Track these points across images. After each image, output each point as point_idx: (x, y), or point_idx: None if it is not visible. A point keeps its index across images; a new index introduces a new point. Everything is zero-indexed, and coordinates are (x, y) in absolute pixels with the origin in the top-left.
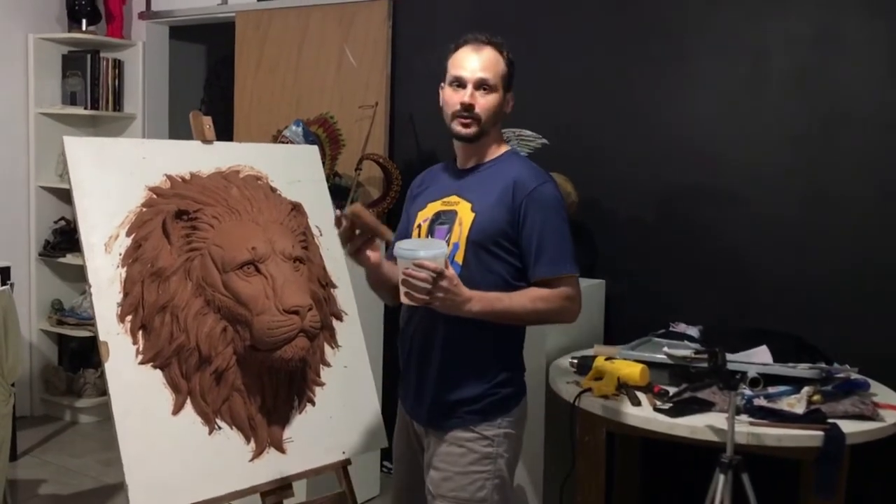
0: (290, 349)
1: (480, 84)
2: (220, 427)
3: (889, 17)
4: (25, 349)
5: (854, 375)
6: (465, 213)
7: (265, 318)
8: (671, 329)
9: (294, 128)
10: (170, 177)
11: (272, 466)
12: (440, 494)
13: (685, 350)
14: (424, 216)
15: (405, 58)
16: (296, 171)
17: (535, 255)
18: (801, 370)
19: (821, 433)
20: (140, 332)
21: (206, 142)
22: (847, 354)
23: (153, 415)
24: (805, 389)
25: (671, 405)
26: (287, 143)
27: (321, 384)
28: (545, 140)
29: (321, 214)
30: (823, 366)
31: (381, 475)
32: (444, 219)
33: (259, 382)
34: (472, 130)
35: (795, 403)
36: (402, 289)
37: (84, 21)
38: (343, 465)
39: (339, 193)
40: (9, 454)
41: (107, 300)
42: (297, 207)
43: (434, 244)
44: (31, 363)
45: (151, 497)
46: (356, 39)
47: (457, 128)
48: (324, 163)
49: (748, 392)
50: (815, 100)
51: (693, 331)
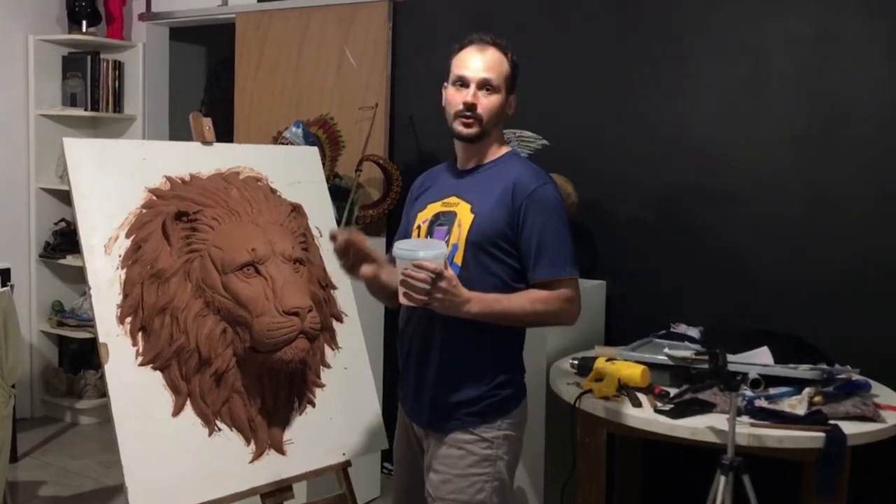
0: (290, 351)
1: (483, 84)
2: (220, 429)
3: (889, 17)
4: (26, 351)
5: (855, 376)
6: (465, 215)
7: (265, 320)
8: (672, 330)
9: (294, 129)
10: (170, 178)
11: (272, 468)
12: (440, 497)
13: (686, 351)
14: (424, 217)
15: (405, 59)
16: (296, 173)
17: (535, 257)
18: (803, 371)
19: (822, 434)
20: (140, 334)
21: (206, 143)
22: (848, 355)
23: (153, 416)
24: (806, 390)
25: (672, 406)
26: (287, 145)
27: (321, 385)
28: (545, 141)
29: (321, 216)
30: (824, 367)
31: (382, 476)
32: (444, 220)
33: (259, 384)
34: (474, 130)
35: (796, 404)
36: (401, 289)
37: (84, 22)
38: (343, 467)
39: (340, 195)
40: (9, 456)
41: (106, 302)
42: (297, 209)
43: (433, 245)
44: (32, 364)
45: (151, 499)
46: (356, 40)
47: (458, 127)
48: (324, 164)
49: (749, 393)
50: (815, 100)
51: (694, 332)
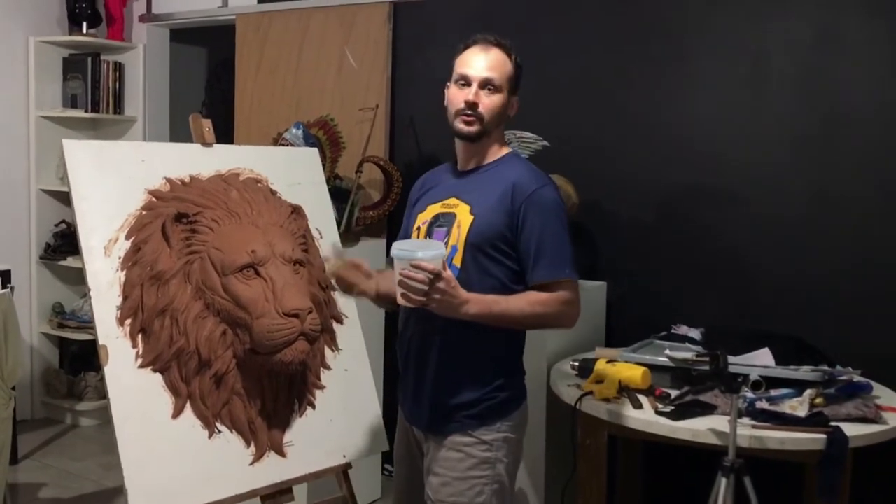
0: (290, 352)
1: (486, 83)
2: (220, 431)
3: (888, 17)
4: (26, 352)
5: (857, 378)
6: (464, 216)
7: (265, 322)
8: (673, 331)
9: (294, 130)
10: (169, 180)
11: (272, 470)
12: (439, 500)
13: (687, 353)
14: (424, 219)
15: (406, 60)
16: (296, 174)
17: (534, 259)
18: (804, 373)
19: (823, 436)
20: (139, 336)
21: (206, 144)
22: (849, 356)
23: (153, 419)
24: (807, 392)
25: (673, 408)
26: (287, 146)
27: (321, 387)
28: (546, 142)
29: (321, 217)
30: (826, 368)
31: (383, 478)
32: (443, 221)
33: (259, 386)
34: (475, 129)
35: (798, 406)
36: (399, 290)
37: (84, 24)
38: (343, 469)
39: (340, 196)
40: (9, 458)
41: (106, 304)
42: (298, 210)
43: (432, 245)
44: (32, 366)
45: (151, 501)
46: (357, 41)
47: (459, 125)
48: (324, 165)
49: (750, 395)
50: (816, 100)
51: (695, 333)
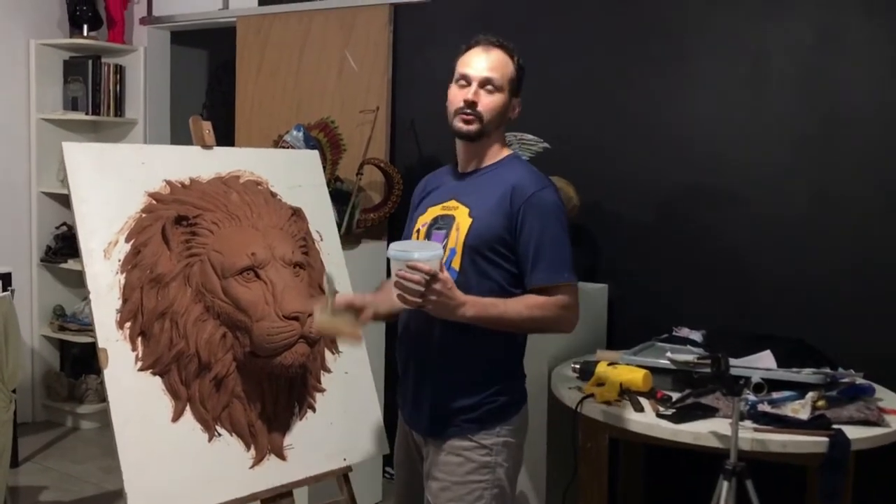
0: (290, 355)
1: (485, 83)
2: (220, 434)
3: (889, 17)
4: (27, 355)
5: (859, 380)
6: (463, 219)
7: (265, 325)
8: (674, 333)
9: (295, 132)
10: (169, 182)
11: (272, 473)
12: None
13: (688, 355)
14: (424, 221)
15: (406, 62)
16: (296, 176)
17: (533, 263)
18: (806, 375)
19: (825, 439)
20: (139, 339)
21: (206, 147)
22: (852, 359)
23: (153, 422)
24: (809, 395)
25: (674, 411)
26: (288, 148)
27: (322, 390)
28: (546, 144)
29: (322, 219)
30: (828, 371)
31: (384, 481)
32: (442, 224)
33: (259, 389)
34: (473, 128)
35: (800, 409)
36: (395, 291)
37: (85, 26)
38: (344, 472)
39: (340, 198)
40: (10, 461)
41: (106, 306)
42: (298, 212)
43: (429, 246)
44: (33, 369)
45: None
46: (357, 44)
47: (458, 124)
48: (325, 167)
49: (752, 397)
50: (816, 100)
51: (696, 335)
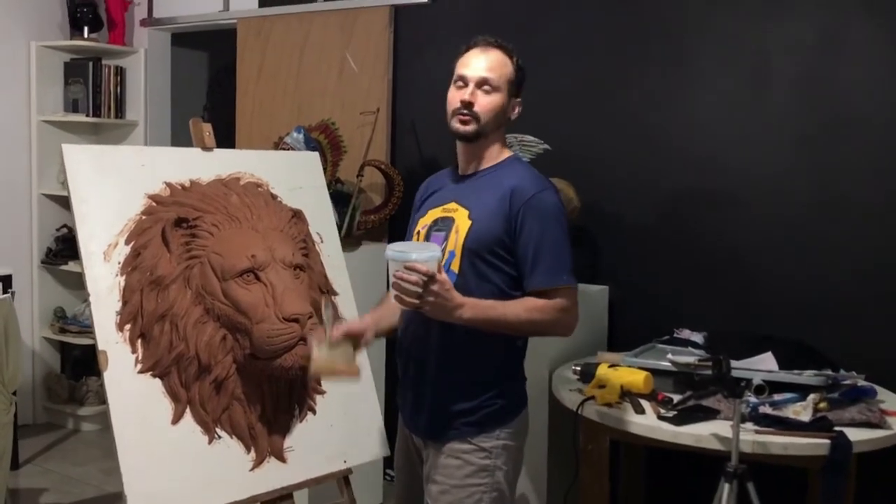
0: (290, 357)
1: (482, 83)
2: (220, 436)
3: (889, 18)
4: (27, 357)
5: (861, 382)
6: (462, 221)
7: (265, 327)
8: (675, 335)
9: (295, 134)
10: (169, 184)
11: (273, 476)
12: None
13: (689, 357)
14: (424, 223)
15: (407, 63)
16: (297, 178)
17: (531, 265)
18: (807, 377)
19: (827, 441)
20: (139, 341)
21: (206, 149)
22: (853, 361)
23: (152, 424)
24: (811, 397)
25: (675, 413)
26: (288, 150)
27: (322, 392)
28: (547, 145)
29: (322, 221)
30: (829, 373)
31: (385, 483)
32: (442, 226)
33: (259, 391)
34: (471, 128)
35: (801, 411)
36: (393, 292)
37: (86, 28)
38: (344, 475)
39: (341, 200)
40: (10, 463)
41: (106, 309)
42: (298, 214)
43: (428, 247)
44: (34, 371)
45: None
46: (357, 45)
47: (455, 125)
48: (325, 169)
49: (753, 399)
50: (817, 102)
51: (697, 337)
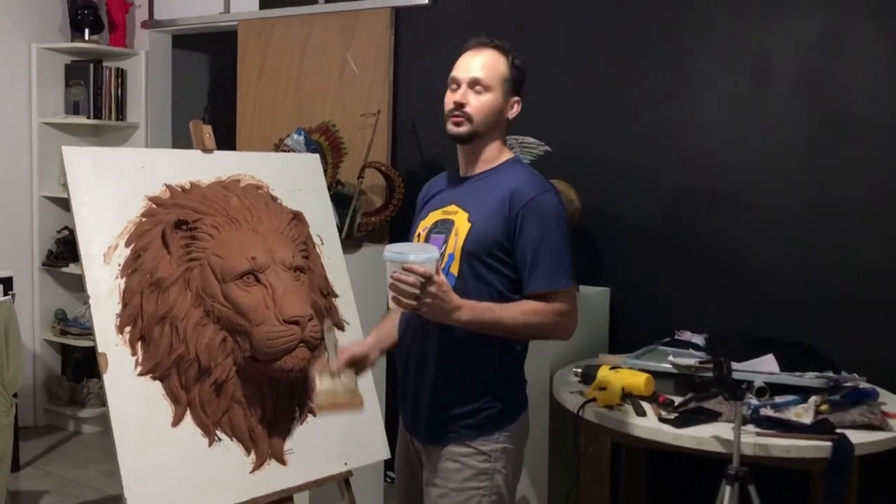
0: (291, 360)
1: (474, 83)
2: (220, 439)
3: (891, 19)
4: (28, 359)
5: (862, 384)
6: (462, 223)
7: (265, 329)
8: (676, 337)
9: (296, 136)
10: (169, 186)
11: (273, 478)
12: None
13: (690, 359)
14: (424, 225)
15: (407, 65)
16: (297, 180)
17: (530, 268)
18: (809, 379)
19: (829, 443)
20: (139, 343)
21: (207, 151)
22: (855, 363)
23: (152, 426)
24: (812, 399)
25: (676, 415)
26: (288, 152)
27: None
28: (548, 147)
29: (322, 223)
30: (831, 375)
31: (385, 485)
32: (441, 228)
33: (259, 393)
34: (463, 129)
35: (803, 413)
36: (390, 293)
37: (87, 30)
38: (345, 477)
39: (342, 202)
40: (10, 465)
41: (105, 311)
42: (298, 216)
43: (426, 249)
44: (35, 373)
45: None
46: (358, 47)
47: (449, 127)
48: (326, 171)
49: (754, 402)
50: (818, 103)
51: (699, 339)
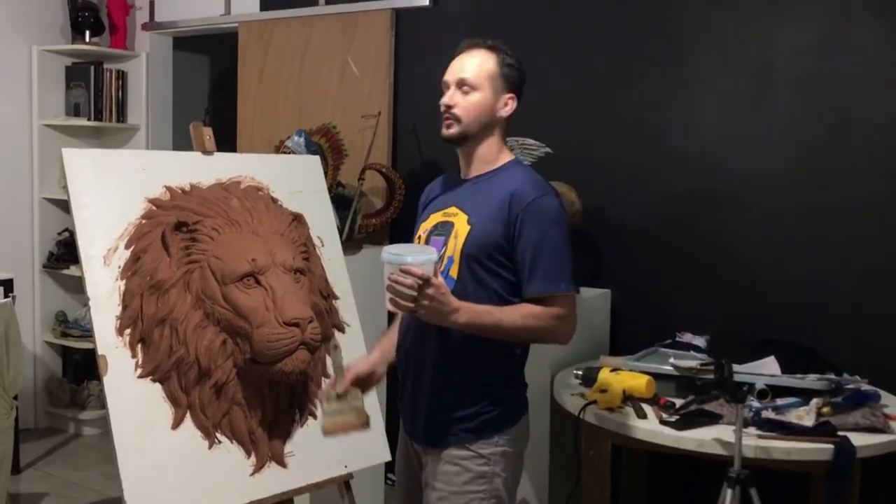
0: (291, 362)
1: (461, 84)
2: (221, 441)
3: (893, 20)
4: (29, 361)
5: (864, 386)
6: (462, 226)
7: (265, 331)
8: (677, 339)
9: (296, 138)
10: (169, 188)
11: (273, 481)
12: None
13: (692, 361)
14: (425, 227)
15: (408, 67)
16: (297, 182)
17: (529, 271)
18: (810, 381)
19: (830, 446)
20: (139, 346)
21: (207, 153)
22: (857, 365)
23: (152, 429)
24: (814, 401)
25: (677, 418)
26: (289, 154)
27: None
28: (548, 149)
29: (323, 225)
30: (833, 377)
31: (386, 488)
32: (441, 230)
33: (259, 396)
34: (453, 131)
35: (804, 415)
36: (388, 295)
37: (88, 32)
38: (345, 480)
39: (342, 203)
40: (10, 468)
41: (105, 313)
42: (299, 218)
43: (424, 250)
44: (35, 375)
45: None
46: (359, 49)
47: (442, 130)
48: (326, 173)
49: (756, 404)
50: (820, 105)
51: (700, 341)
